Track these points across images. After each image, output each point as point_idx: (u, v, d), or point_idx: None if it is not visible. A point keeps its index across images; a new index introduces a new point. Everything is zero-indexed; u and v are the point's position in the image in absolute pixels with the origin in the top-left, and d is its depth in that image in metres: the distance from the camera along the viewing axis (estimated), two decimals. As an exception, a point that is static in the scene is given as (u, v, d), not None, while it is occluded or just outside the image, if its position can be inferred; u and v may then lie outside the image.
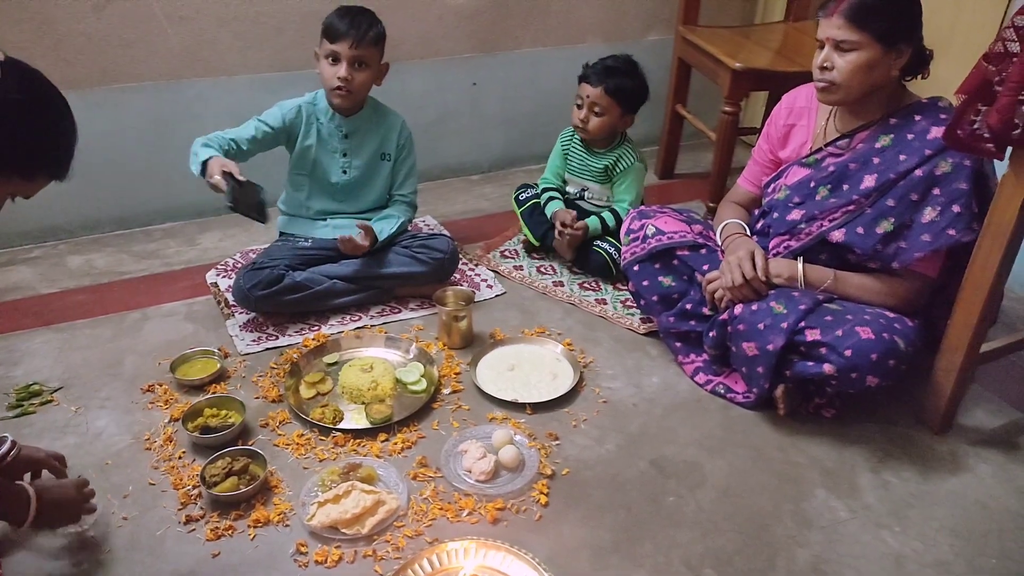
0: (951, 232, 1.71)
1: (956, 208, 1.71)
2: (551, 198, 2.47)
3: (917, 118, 1.78)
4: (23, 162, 1.21)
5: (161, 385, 1.93)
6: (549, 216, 2.43)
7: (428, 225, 2.68)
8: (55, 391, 1.90)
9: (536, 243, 2.47)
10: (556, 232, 2.38)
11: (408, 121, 2.33)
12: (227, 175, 1.92)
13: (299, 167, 2.25)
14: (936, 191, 1.73)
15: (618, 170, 2.39)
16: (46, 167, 1.24)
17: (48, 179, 1.26)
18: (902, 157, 1.76)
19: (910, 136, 1.77)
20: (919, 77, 1.80)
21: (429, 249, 2.23)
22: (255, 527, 1.56)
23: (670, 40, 2.98)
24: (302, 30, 2.57)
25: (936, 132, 1.72)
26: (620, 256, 2.29)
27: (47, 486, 1.46)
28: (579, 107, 2.36)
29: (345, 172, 2.24)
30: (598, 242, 2.36)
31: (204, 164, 1.98)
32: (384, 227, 2.22)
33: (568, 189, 2.51)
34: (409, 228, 2.38)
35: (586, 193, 2.47)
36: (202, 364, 1.97)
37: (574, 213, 2.38)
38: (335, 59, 2.09)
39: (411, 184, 2.34)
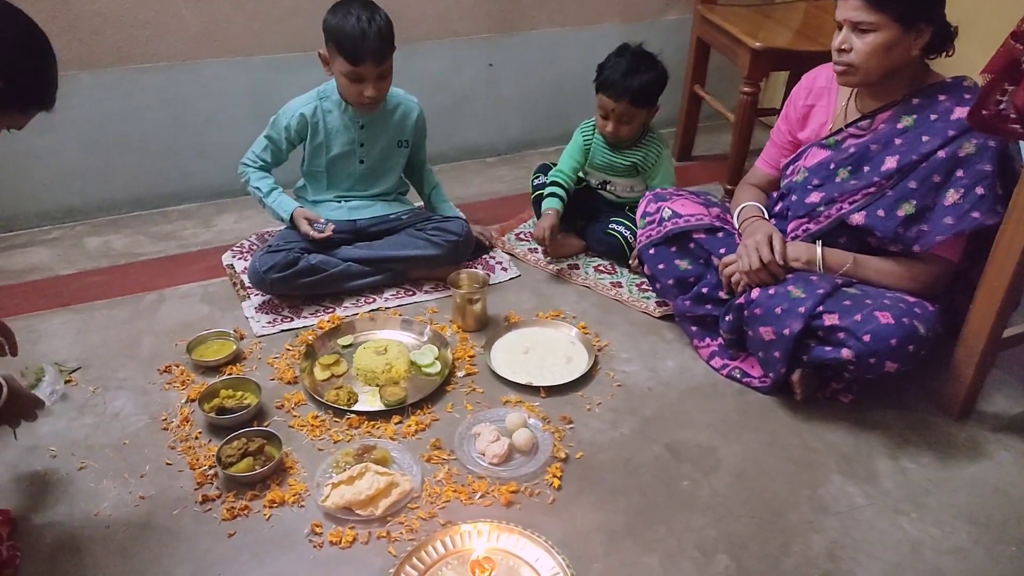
0: (975, 215, 1.68)
1: (980, 190, 1.67)
2: (551, 194, 2.34)
3: (941, 98, 1.74)
4: (22, 95, 1.28)
5: (178, 366, 1.94)
6: (542, 211, 2.33)
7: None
8: (73, 371, 1.92)
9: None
10: (536, 233, 2.30)
11: (424, 103, 2.32)
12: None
13: (313, 163, 2.25)
14: (959, 173, 1.69)
15: (648, 163, 2.31)
16: (39, 98, 1.32)
17: (38, 110, 1.33)
18: (925, 138, 1.72)
19: (933, 117, 1.73)
20: (943, 55, 1.76)
21: (444, 232, 2.22)
22: (270, 507, 1.57)
23: (688, 20, 2.94)
24: (317, 11, 2.52)
25: (960, 113, 1.69)
26: (636, 239, 2.27)
27: (12, 377, 1.48)
28: (604, 118, 2.24)
29: (362, 161, 2.23)
30: (613, 225, 2.34)
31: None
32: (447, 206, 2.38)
33: (590, 180, 2.44)
34: (424, 210, 2.38)
35: (608, 185, 2.40)
36: (218, 345, 1.98)
37: (554, 225, 2.27)
38: (358, 78, 2.04)
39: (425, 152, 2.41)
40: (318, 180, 2.28)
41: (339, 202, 2.28)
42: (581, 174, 2.44)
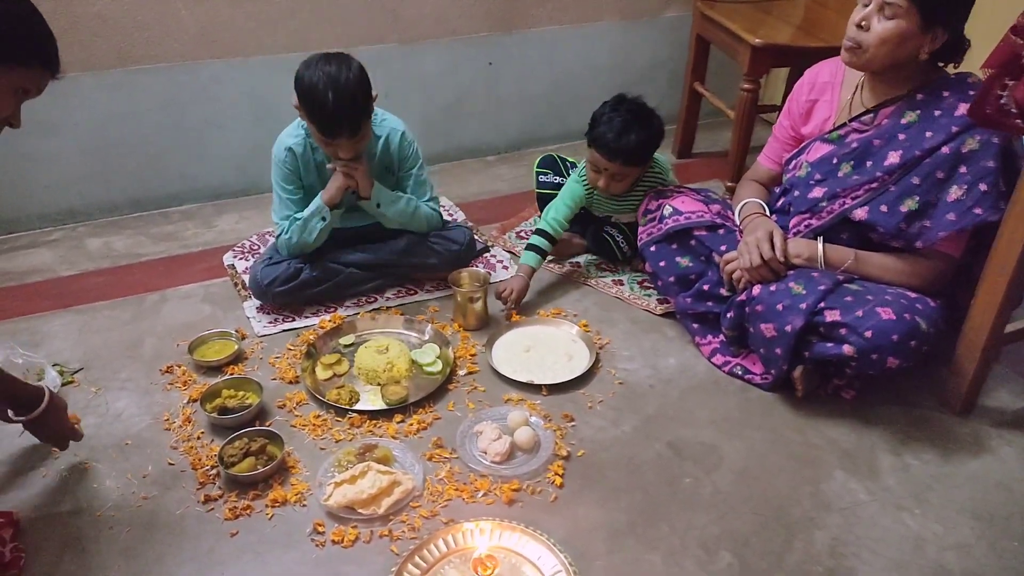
0: (977, 211, 1.67)
1: (983, 187, 1.67)
2: (533, 246, 2.20)
3: (945, 94, 1.74)
4: (18, 47, 1.28)
5: (180, 366, 1.94)
6: (519, 263, 2.22)
7: (444, 207, 2.66)
8: (75, 372, 1.92)
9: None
10: (502, 291, 2.15)
11: (423, 102, 2.30)
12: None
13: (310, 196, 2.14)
14: (962, 169, 1.69)
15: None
16: (39, 53, 1.31)
17: (42, 68, 1.32)
18: (928, 134, 1.72)
19: (937, 112, 1.72)
20: (951, 65, 1.75)
21: (446, 240, 2.21)
22: (273, 507, 1.57)
23: (688, 16, 2.94)
24: (316, 12, 2.56)
25: (964, 108, 1.68)
26: (627, 243, 2.27)
27: (57, 396, 1.60)
28: (595, 172, 2.16)
29: (354, 193, 2.10)
30: (607, 227, 2.33)
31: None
32: (387, 195, 2.10)
33: (593, 212, 2.37)
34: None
35: (613, 217, 2.34)
36: (220, 345, 1.98)
37: (519, 294, 2.13)
38: (332, 144, 1.95)
39: (424, 191, 2.19)
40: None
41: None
42: (563, 229, 2.30)
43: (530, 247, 2.22)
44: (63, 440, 1.64)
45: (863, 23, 1.70)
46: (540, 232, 2.23)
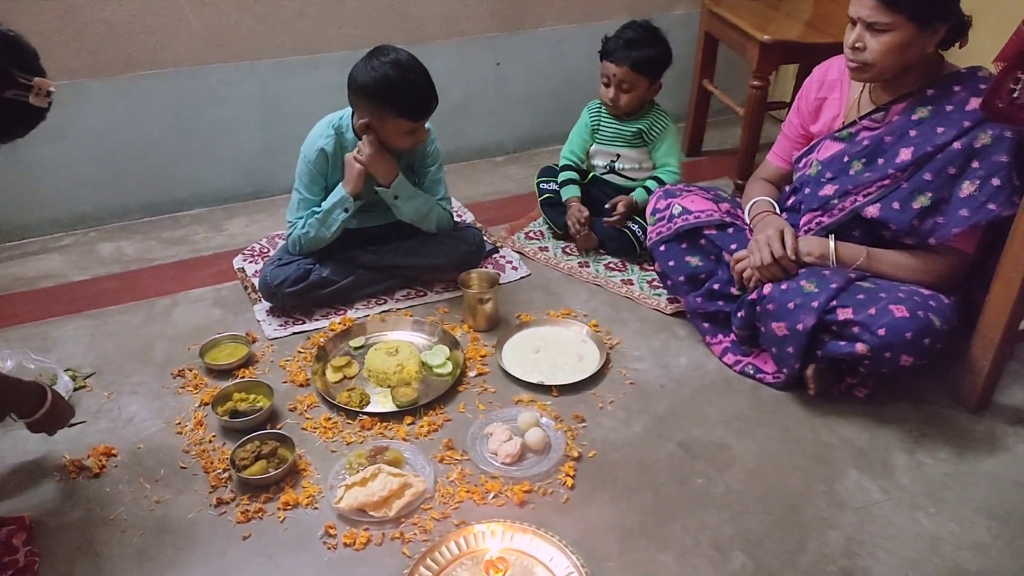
0: (991, 206, 1.66)
1: (996, 181, 1.65)
2: (568, 180, 2.42)
3: (956, 89, 1.72)
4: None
5: (191, 370, 1.95)
6: (564, 201, 2.40)
7: (453, 208, 2.65)
8: (87, 377, 1.93)
9: (560, 232, 2.44)
10: (571, 227, 2.35)
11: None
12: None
13: (330, 191, 2.14)
14: (975, 164, 1.67)
15: (653, 134, 2.36)
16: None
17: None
18: (940, 129, 1.70)
19: (948, 108, 1.71)
20: (957, 46, 1.74)
21: (456, 240, 2.21)
22: (284, 510, 1.58)
23: (696, 14, 2.93)
24: (323, 14, 2.56)
25: (975, 103, 1.66)
26: (645, 234, 2.26)
27: (56, 390, 1.62)
28: (606, 85, 2.33)
29: (376, 192, 2.11)
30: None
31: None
32: (408, 189, 2.09)
33: (596, 163, 2.45)
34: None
35: (617, 163, 2.41)
36: (230, 349, 1.99)
37: (586, 213, 2.33)
38: (413, 131, 1.98)
39: (438, 190, 2.19)
40: None
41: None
42: (583, 160, 2.47)
43: (565, 182, 2.42)
44: (65, 424, 1.66)
45: (859, 44, 1.68)
46: (564, 168, 2.45)
